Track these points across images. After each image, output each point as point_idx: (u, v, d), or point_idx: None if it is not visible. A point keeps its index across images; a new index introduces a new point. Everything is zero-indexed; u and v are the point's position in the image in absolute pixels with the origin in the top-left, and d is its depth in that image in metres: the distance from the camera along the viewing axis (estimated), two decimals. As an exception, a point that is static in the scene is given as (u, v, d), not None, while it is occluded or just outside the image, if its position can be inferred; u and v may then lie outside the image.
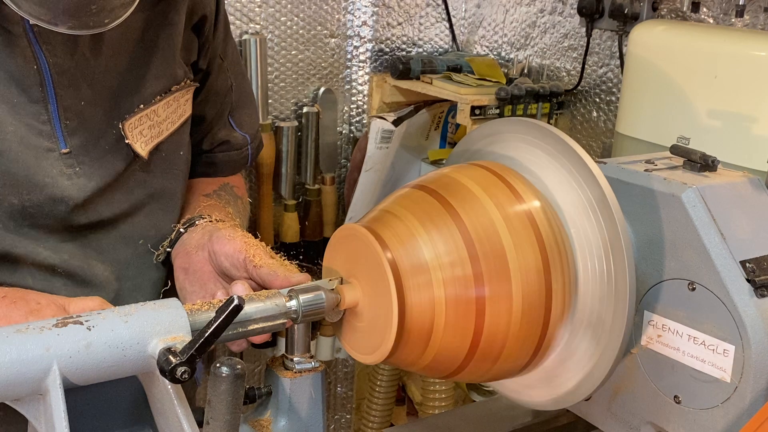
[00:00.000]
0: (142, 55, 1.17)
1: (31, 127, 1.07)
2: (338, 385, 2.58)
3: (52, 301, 1.00)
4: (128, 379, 0.83)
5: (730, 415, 0.89)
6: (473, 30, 2.48)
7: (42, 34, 1.05)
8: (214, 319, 0.78)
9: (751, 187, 0.97)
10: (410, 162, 2.37)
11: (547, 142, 0.95)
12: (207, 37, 1.28)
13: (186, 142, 1.27)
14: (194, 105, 1.27)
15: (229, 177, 1.41)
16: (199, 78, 1.29)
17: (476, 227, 0.89)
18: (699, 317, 0.91)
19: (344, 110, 2.38)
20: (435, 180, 0.96)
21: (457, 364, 0.91)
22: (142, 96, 1.16)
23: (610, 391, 1.02)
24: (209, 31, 1.28)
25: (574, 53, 2.21)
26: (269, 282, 1.01)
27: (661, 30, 1.72)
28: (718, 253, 0.89)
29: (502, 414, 1.25)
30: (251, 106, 1.44)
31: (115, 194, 1.16)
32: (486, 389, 2.21)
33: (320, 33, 2.27)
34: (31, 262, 1.11)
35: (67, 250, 1.14)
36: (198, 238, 1.16)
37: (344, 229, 0.96)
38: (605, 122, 2.15)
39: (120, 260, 1.20)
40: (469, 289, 0.88)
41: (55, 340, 0.76)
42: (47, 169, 1.08)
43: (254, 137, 1.43)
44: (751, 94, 1.50)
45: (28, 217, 1.09)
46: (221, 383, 0.78)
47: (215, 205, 1.28)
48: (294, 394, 0.96)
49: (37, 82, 1.07)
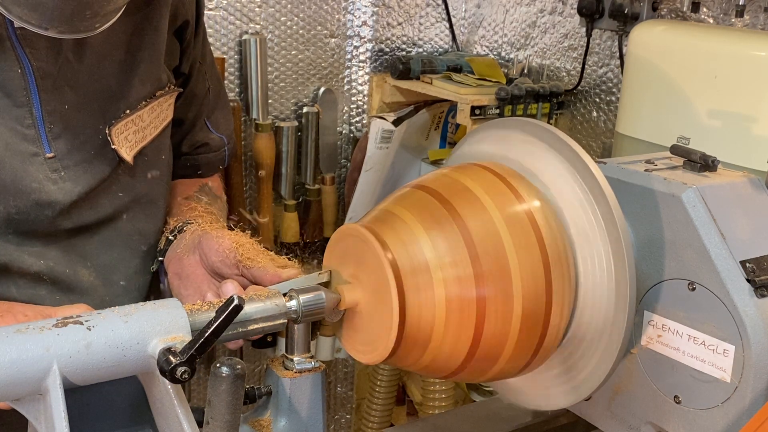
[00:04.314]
0: (128, 60, 1.17)
1: (16, 131, 1.07)
2: (338, 385, 2.58)
3: (38, 312, 1.00)
4: (128, 379, 0.83)
5: (730, 415, 0.89)
6: (473, 30, 2.48)
7: (26, 37, 1.04)
8: (214, 319, 0.78)
9: (751, 187, 0.97)
10: (410, 162, 2.37)
11: (547, 142, 0.95)
12: (188, 41, 1.29)
13: (168, 146, 1.28)
14: (175, 108, 1.28)
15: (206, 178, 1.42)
16: (181, 82, 1.30)
17: (477, 227, 0.89)
18: (699, 317, 0.91)
19: (344, 110, 2.38)
20: (435, 180, 0.96)
21: (458, 365, 0.91)
22: (127, 101, 1.17)
23: (610, 391, 1.02)
24: (191, 36, 1.29)
25: (574, 53, 2.21)
26: (260, 278, 1.02)
27: (661, 30, 1.72)
28: (718, 253, 0.89)
29: (502, 414, 1.25)
30: (226, 108, 1.45)
31: (99, 198, 1.17)
32: (486, 389, 2.21)
33: (320, 33, 2.27)
34: (15, 270, 1.11)
35: (51, 256, 1.14)
36: (188, 243, 1.16)
37: (344, 229, 0.96)
38: (605, 122, 2.15)
39: (104, 265, 1.20)
40: (470, 290, 0.88)
41: (55, 340, 0.76)
42: (34, 174, 1.08)
43: (230, 138, 1.45)
44: (751, 94, 1.50)
45: (12, 223, 1.09)
46: (221, 383, 0.78)
47: (198, 207, 1.28)
48: (294, 394, 0.96)
49: (21, 86, 1.06)
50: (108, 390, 0.86)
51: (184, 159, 1.38)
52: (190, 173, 1.39)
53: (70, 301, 1.12)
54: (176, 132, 1.33)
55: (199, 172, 1.40)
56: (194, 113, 1.37)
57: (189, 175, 1.39)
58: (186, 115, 1.35)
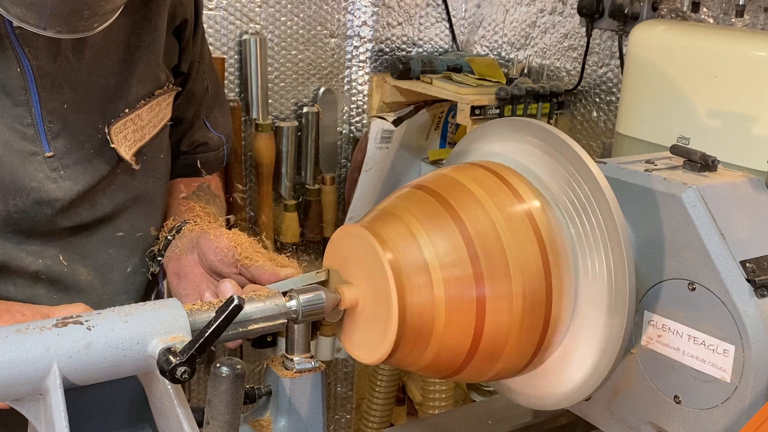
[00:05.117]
0: (127, 59, 1.17)
1: (15, 130, 1.07)
2: (338, 385, 2.58)
3: (36, 312, 1.00)
4: (128, 379, 0.83)
5: (730, 415, 0.89)
6: (473, 30, 2.48)
7: (24, 36, 1.04)
8: (214, 319, 0.78)
9: (751, 187, 0.97)
10: (410, 162, 2.37)
11: (547, 142, 0.95)
12: (187, 41, 1.29)
13: (166, 145, 1.29)
14: (173, 107, 1.29)
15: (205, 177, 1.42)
16: (180, 82, 1.31)
17: (476, 227, 0.89)
18: (699, 317, 0.91)
19: (344, 110, 2.38)
20: (435, 180, 0.96)
21: (458, 365, 0.91)
22: (127, 100, 1.17)
23: (610, 391, 1.02)
24: (189, 35, 1.29)
25: (574, 53, 2.21)
26: (258, 277, 1.02)
27: (661, 30, 1.72)
28: (718, 253, 0.89)
29: (502, 414, 1.25)
30: (224, 107, 1.45)
31: (98, 197, 1.17)
32: (486, 389, 2.21)
33: (320, 33, 2.27)
34: (14, 269, 1.11)
35: (50, 254, 1.14)
36: (186, 242, 1.16)
37: (344, 229, 0.96)
38: (605, 122, 2.15)
39: (103, 264, 1.20)
40: (470, 289, 0.88)
41: (55, 340, 0.76)
42: (33, 173, 1.08)
43: (228, 137, 1.45)
44: (751, 94, 1.50)
45: (12, 222, 1.09)
46: (221, 383, 0.78)
47: (196, 206, 1.28)
48: (294, 394, 0.96)
49: (21, 85, 1.06)
50: (108, 390, 0.86)
51: (183, 158, 1.38)
52: (188, 172, 1.40)
53: (68, 300, 1.12)
54: (175, 131, 1.34)
55: (197, 172, 1.40)
56: (193, 112, 1.37)
57: (188, 174, 1.40)
58: (185, 114, 1.35)
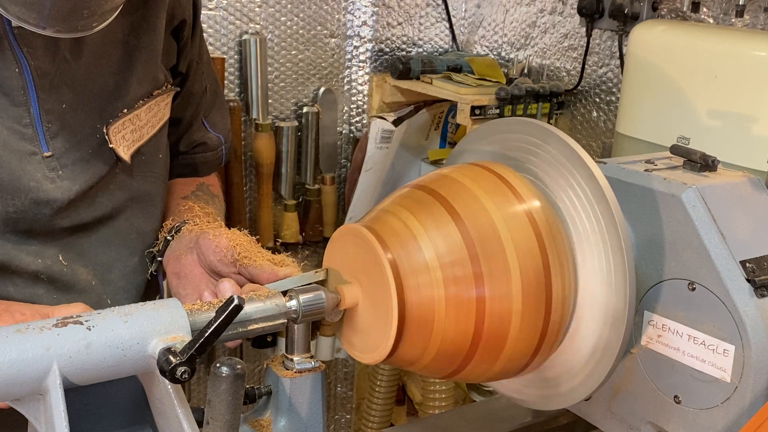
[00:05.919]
0: (125, 59, 1.17)
1: (14, 130, 1.07)
2: (338, 385, 2.58)
3: (36, 312, 1.00)
4: (128, 379, 0.83)
5: (730, 415, 0.89)
6: (473, 30, 2.48)
7: (23, 36, 1.04)
8: (214, 319, 0.78)
9: (751, 187, 0.97)
10: (410, 162, 2.37)
11: (546, 142, 0.95)
12: (186, 41, 1.29)
13: (165, 145, 1.29)
14: (172, 107, 1.29)
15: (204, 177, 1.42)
16: (178, 82, 1.31)
17: (476, 227, 0.89)
18: (699, 317, 0.91)
19: (344, 110, 2.38)
20: (435, 180, 0.96)
21: (457, 364, 0.91)
22: (125, 101, 1.17)
23: (610, 391, 1.02)
24: (188, 35, 1.29)
25: (574, 53, 2.21)
26: (257, 276, 1.02)
27: (661, 30, 1.72)
28: (718, 253, 0.89)
29: (502, 414, 1.25)
30: (223, 107, 1.45)
31: (97, 197, 1.17)
32: (486, 389, 2.21)
33: (320, 33, 2.27)
34: (13, 269, 1.11)
35: (49, 254, 1.14)
36: (185, 242, 1.16)
37: (344, 229, 0.96)
38: (605, 122, 2.15)
39: (102, 263, 1.20)
40: (470, 289, 0.88)
41: (55, 340, 0.76)
42: (31, 173, 1.08)
43: (227, 137, 1.45)
44: (751, 94, 1.50)
45: (10, 222, 1.09)
46: (221, 383, 0.78)
47: (195, 206, 1.28)
48: (294, 394, 0.96)
49: (19, 85, 1.06)
50: (108, 390, 0.86)
51: (182, 158, 1.38)
52: (187, 172, 1.40)
53: (68, 300, 1.12)
54: (173, 131, 1.34)
55: (196, 172, 1.40)
56: (191, 112, 1.37)
57: (186, 174, 1.40)
58: (183, 114, 1.35)
